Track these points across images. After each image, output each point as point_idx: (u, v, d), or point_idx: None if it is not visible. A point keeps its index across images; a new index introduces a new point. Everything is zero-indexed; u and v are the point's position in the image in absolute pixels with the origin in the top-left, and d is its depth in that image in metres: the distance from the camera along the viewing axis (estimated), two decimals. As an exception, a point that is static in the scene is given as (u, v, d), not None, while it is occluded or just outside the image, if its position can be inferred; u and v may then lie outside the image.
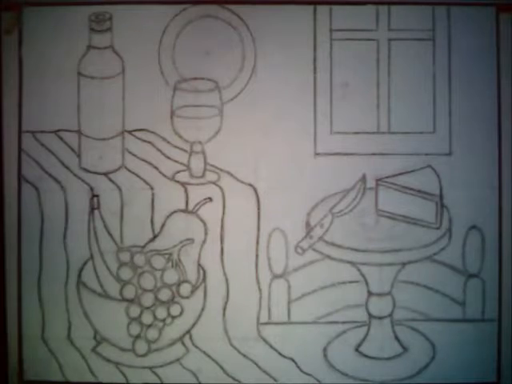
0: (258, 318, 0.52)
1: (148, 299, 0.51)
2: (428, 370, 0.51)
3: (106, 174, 0.52)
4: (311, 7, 0.52)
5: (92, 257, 0.52)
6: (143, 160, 0.52)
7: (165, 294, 0.51)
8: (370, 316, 0.52)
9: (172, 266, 0.51)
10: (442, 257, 0.51)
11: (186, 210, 0.52)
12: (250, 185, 0.52)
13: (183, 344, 0.52)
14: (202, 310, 0.52)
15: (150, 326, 0.51)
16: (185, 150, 0.52)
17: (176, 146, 0.52)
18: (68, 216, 0.52)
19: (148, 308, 0.51)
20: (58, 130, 0.52)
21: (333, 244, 0.52)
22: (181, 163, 0.52)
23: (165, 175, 0.52)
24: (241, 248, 0.52)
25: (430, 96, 0.51)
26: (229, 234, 0.52)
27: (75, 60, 0.51)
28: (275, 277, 0.52)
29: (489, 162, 0.52)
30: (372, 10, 0.52)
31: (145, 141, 0.52)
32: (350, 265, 0.52)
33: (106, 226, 0.51)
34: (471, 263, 0.51)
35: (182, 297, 0.52)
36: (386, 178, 0.51)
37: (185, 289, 0.52)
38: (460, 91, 0.52)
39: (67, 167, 0.52)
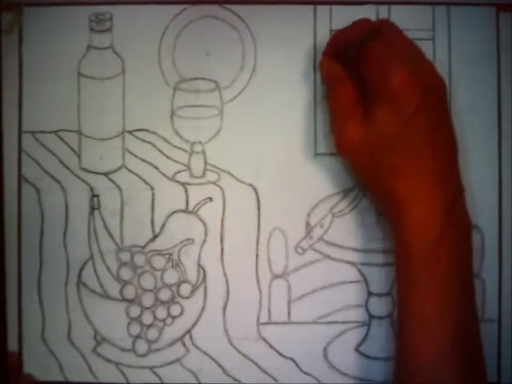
0: (258, 318, 0.52)
1: (148, 299, 0.52)
2: (428, 370, 0.51)
3: (106, 174, 0.52)
4: (311, 7, 0.52)
5: (92, 257, 0.52)
6: (143, 160, 0.52)
7: (165, 294, 0.52)
8: (370, 316, 0.52)
9: (172, 266, 0.51)
10: (442, 257, 0.51)
11: (186, 210, 0.52)
12: (250, 185, 0.52)
13: (183, 344, 0.52)
14: (202, 309, 0.52)
15: (150, 326, 0.52)
16: (185, 150, 0.52)
17: (176, 146, 0.52)
18: (68, 216, 0.52)
19: (148, 308, 0.52)
20: (58, 130, 0.52)
21: (333, 244, 0.52)
22: (181, 163, 0.52)
23: (165, 175, 0.52)
24: (241, 248, 0.52)
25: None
26: (229, 234, 0.52)
27: (75, 60, 0.51)
28: (275, 277, 0.52)
29: (489, 161, 0.52)
30: (372, 10, 0.52)
31: (145, 141, 0.52)
32: (350, 265, 0.52)
33: (106, 226, 0.52)
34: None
35: (182, 297, 0.52)
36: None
37: (185, 289, 0.52)
38: (460, 91, 0.52)
39: (67, 167, 0.52)
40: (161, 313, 0.52)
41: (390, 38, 0.46)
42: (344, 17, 0.50)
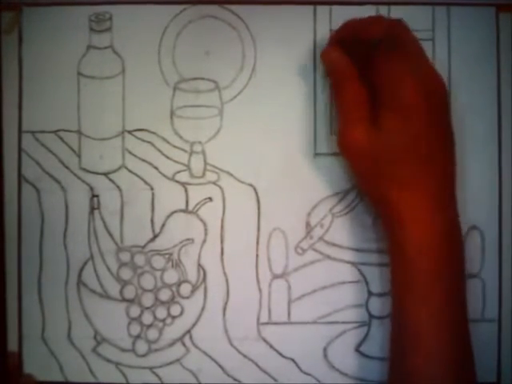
0: (258, 318, 0.52)
1: (148, 299, 0.52)
2: (428, 370, 0.51)
3: (106, 174, 0.52)
4: (311, 7, 0.52)
5: (92, 257, 0.52)
6: (143, 160, 0.52)
7: (165, 294, 0.52)
8: (370, 316, 0.52)
9: (172, 266, 0.51)
10: (442, 257, 0.51)
11: (186, 210, 0.52)
12: (250, 185, 0.52)
13: (183, 344, 0.52)
14: (202, 309, 0.52)
15: (150, 326, 0.52)
16: (185, 150, 0.52)
17: (176, 146, 0.52)
18: (68, 216, 0.52)
19: (148, 308, 0.52)
20: (58, 130, 0.52)
21: (333, 244, 0.52)
22: (181, 163, 0.52)
23: (165, 175, 0.52)
24: (241, 248, 0.52)
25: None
26: (229, 234, 0.52)
27: (75, 60, 0.51)
28: (275, 277, 0.52)
29: (489, 161, 0.52)
30: (372, 10, 0.52)
31: (145, 141, 0.52)
32: (350, 265, 0.52)
33: (106, 226, 0.52)
34: (471, 263, 0.51)
35: (182, 297, 0.52)
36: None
37: (185, 289, 0.52)
38: (460, 91, 0.52)
39: (67, 167, 0.52)
40: (161, 313, 0.52)
41: (402, 40, 0.46)
42: (344, 17, 0.50)
